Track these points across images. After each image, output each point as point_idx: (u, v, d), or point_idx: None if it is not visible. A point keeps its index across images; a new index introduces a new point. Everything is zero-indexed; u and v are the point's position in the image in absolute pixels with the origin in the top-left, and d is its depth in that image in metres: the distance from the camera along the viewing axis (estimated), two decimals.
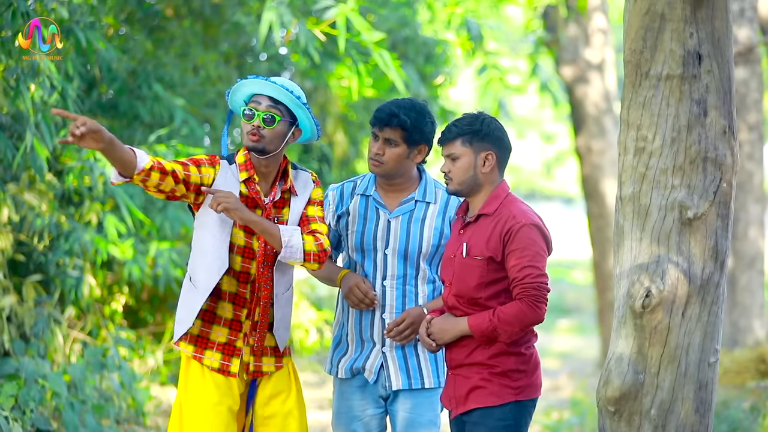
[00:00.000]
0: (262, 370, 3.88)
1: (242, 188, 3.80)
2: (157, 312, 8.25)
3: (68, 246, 6.28)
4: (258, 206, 3.82)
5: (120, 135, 7.24)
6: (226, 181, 3.79)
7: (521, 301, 3.56)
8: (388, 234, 4.01)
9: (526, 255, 3.57)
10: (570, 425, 8.38)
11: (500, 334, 3.59)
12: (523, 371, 3.67)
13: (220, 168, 3.80)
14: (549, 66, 12.52)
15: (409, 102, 4.00)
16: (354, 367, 4.04)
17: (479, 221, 3.70)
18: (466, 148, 3.68)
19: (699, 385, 3.49)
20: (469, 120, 3.70)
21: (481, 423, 3.65)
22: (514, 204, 3.69)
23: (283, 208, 3.86)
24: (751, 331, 8.69)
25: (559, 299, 18.49)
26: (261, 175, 3.84)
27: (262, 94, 3.77)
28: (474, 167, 3.68)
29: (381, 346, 4.01)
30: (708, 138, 3.48)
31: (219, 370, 3.81)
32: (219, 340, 3.82)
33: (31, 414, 5.39)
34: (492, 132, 3.68)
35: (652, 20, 3.49)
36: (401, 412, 4.01)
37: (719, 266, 3.51)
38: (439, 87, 10.49)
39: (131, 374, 6.43)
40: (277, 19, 6.40)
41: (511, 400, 3.64)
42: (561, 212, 41.39)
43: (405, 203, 4.03)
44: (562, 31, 10.52)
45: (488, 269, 3.63)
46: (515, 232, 3.60)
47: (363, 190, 4.09)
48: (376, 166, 3.98)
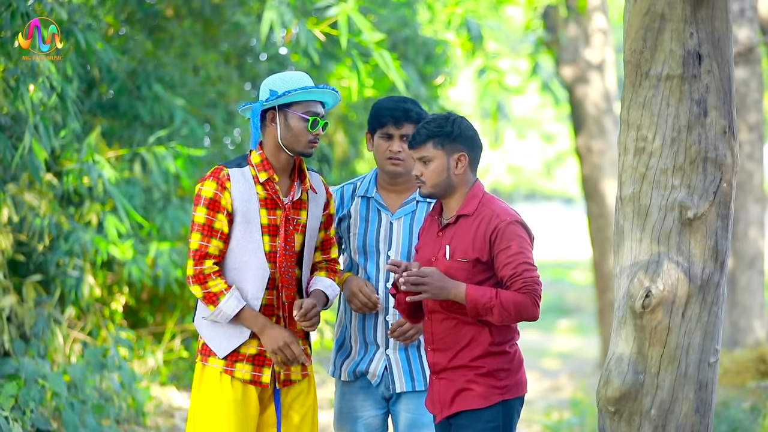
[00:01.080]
0: (291, 378, 3.85)
1: (259, 190, 3.75)
2: (157, 312, 8.25)
3: (68, 246, 6.28)
4: (278, 206, 3.77)
5: (120, 135, 7.25)
6: (241, 191, 3.73)
7: (525, 294, 3.52)
8: (391, 236, 3.99)
9: (519, 251, 3.54)
10: (570, 425, 8.38)
11: (494, 315, 3.52)
12: (507, 370, 3.63)
13: (232, 181, 3.73)
14: (549, 66, 12.52)
15: (404, 97, 4.01)
16: (357, 370, 4.03)
17: (459, 222, 3.64)
18: (437, 150, 3.61)
19: (699, 386, 3.49)
20: (439, 122, 3.63)
21: (469, 426, 3.61)
22: (493, 202, 3.65)
23: (300, 210, 3.82)
24: (751, 331, 8.69)
25: (559, 299, 18.50)
26: (280, 173, 3.80)
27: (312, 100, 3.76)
28: (447, 169, 3.62)
29: (385, 348, 4.00)
30: (708, 138, 3.48)
31: (251, 381, 3.77)
32: (249, 351, 3.77)
33: (31, 414, 5.39)
34: (463, 132, 3.63)
35: (652, 20, 3.49)
36: (404, 412, 4.00)
37: (719, 266, 3.51)
38: (439, 87, 10.49)
39: (131, 374, 6.43)
40: (277, 19, 6.40)
41: (498, 401, 3.61)
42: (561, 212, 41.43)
43: (406, 204, 4.01)
44: (562, 31, 10.52)
45: (474, 271, 3.59)
46: (502, 230, 3.56)
47: (364, 191, 4.06)
48: (397, 165, 3.94)
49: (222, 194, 3.70)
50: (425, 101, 9.56)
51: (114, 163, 6.77)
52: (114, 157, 6.84)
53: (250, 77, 8.87)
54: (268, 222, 3.76)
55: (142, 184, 6.89)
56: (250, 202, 3.74)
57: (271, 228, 3.76)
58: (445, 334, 3.65)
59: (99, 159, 6.16)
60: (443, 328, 3.65)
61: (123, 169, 6.82)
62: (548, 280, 20.94)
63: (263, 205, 3.74)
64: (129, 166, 6.89)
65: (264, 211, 3.75)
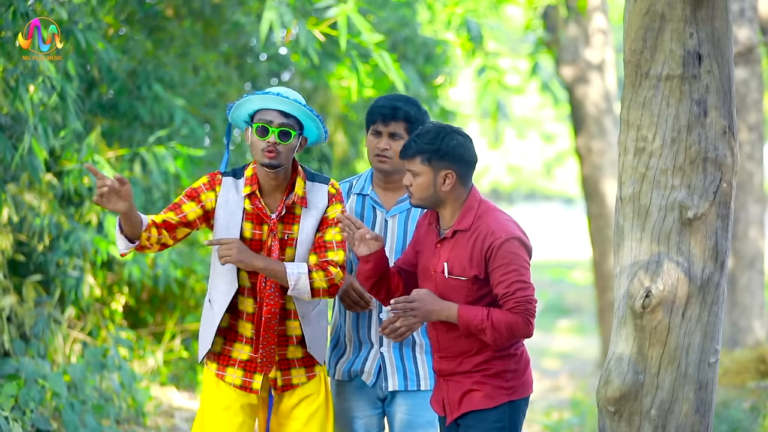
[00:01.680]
0: (292, 383, 3.84)
1: (246, 204, 3.74)
2: (157, 312, 8.25)
3: (68, 246, 6.28)
4: (264, 222, 3.75)
5: (120, 135, 7.25)
6: (228, 201, 3.73)
7: (518, 314, 3.52)
8: (386, 233, 4.00)
9: (513, 270, 3.53)
10: (570, 425, 8.38)
11: (487, 335, 3.55)
12: (514, 371, 3.65)
13: (222, 187, 3.73)
14: (549, 66, 12.52)
15: (400, 95, 4.01)
16: (352, 370, 4.03)
17: (456, 237, 3.62)
18: (425, 166, 3.58)
19: (699, 386, 3.49)
20: (429, 138, 3.59)
21: (476, 426, 3.62)
22: (489, 214, 3.62)
23: (293, 224, 3.78)
24: (751, 331, 8.69)
25: (559, 299, 18.50)
26: (268, 188, 3.76)
27: (270, 108, 3.68)
28: (434, 185, 3.59)
29: (379, 346, 4.00)
30: (708, 138, 3.48)
31: (241, 387, 3.79)
32: (241, 357, 3.79)
33: (31, 414, 5.39)
34: (452, 150, 3.58)
35: (652, 20, 3.49)
36: (399, 413, 4.00)
37: (719, 266, 3.51)
38: (439, 87, 10.49)
39: (131, 374, 6.43)
40: (277, 19, 6.40)
41: (505, 401, 3.62)
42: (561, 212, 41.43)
43: (401, 202, 4.02)
44: (562, 31, 10.53)
45: (473, 288, 3.59)
46: (497, 248, 3.54)
47: (360, 189, 4.07)
48: (383, 162, 3.95)
49: (206, 191, 3.73)
50: (425, 101, 9.56)
51: (114, 163, 6.77)
52: (114, 157, 6.84)
53: (250, 77, 8.87)
54: (251, 236, 3.75)
55: (142, 184, 6.89)
56: (235, 215, 3.74)
57: (254, 243, 3.75)
58: (451, 343, 3.66)
59: (98, 160, 6.16)
60: (449, 337, 3.66)
61: (123, 169, 6.81)
62: (548, 280, 20.95)
63: (248, 218, 3.74)
64: (129, 166, 6.89)
65: (249, 225, 3.75)
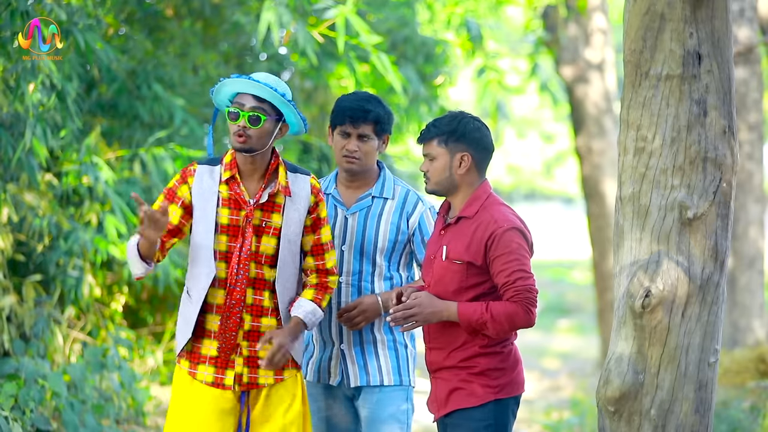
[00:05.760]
0: (258, 382, 3.76)
1: (222, 189, 3.72)
2: (157, 312, 8.25)
3: (68, 246, 6.28)
4: (241, 207, 3.73)
5: (120, 135, 7.25)
6: (201, 188, 3.72)
7: (517, 303, 3.54)
8: (345, 230, 4.01)
9: (514, 259, 3.56)
10: (570, 425, 8.38)
11: (488, 329, 3.56)
12: (501, 369, 3.65)
13: (195, 177, 3.72)
14: (549, 66, 12.52)
15: (367, 94, 4.03)
16: (321, 370, 4.05)
17: (459, 224, 3.67)
18: (441, 148, 3.65)
19: (699, 385, 3.49)
20: (447, 120, 3.66)
21: (461, 425, 3.64)
22: (494, 207, 3.66)
23: (272, 213, 3.75)
24: (751, 331, 8.69)
25: (559, 299, 18.50)
26: (247, 173, 3.74)
27: (245, 93, 3.69)
28: (449, 168, 3.65)
29: (339, 344, 4.03)
30: (708, 138, 3.49)
31: (213, 384, 3.72)
32: (210, 353, 3.73)
33: (31, 414, 5.39)
34: (469, 133, 3.64)
35: (652, 20, 3.49)
36: (363, 409, 4.02)
37: (719, 266, 3.51)
38: (439, 87, 10.48)
39: (131, 374, 6.43)
40: (276, 19, 6.40)
41: (491, 400, 3.62)
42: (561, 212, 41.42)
43: (362, 199, 4.03)
44: (562, 31, 10.53)
45: (467, 274, 3.62)
46: (498, 236, 3.57)
47: (324, 188, 4.08)
48: (353, 163, 3.96)
49: (180, 186, 3.73)
50: (425, 101, 9.54)
51: (114, 164, 6.77)
52: (114, 157, 6.84)
53: None
54: (228, 222, 3.72)
55: (142, 184, 6.89)
56: (209, 201, 3.72)
57: (231, 228, 3.73)
58: (440, 333, 3.70)
59: (97, 161, 6.17)
60: (439, 326, 3.70)
61: (123, 169, 6.81)
62: (548, 280, 20.94)
63: (225, 204, 3.72)
64: (129, 166, 6.89)
65: (226, 210, 3.73)
